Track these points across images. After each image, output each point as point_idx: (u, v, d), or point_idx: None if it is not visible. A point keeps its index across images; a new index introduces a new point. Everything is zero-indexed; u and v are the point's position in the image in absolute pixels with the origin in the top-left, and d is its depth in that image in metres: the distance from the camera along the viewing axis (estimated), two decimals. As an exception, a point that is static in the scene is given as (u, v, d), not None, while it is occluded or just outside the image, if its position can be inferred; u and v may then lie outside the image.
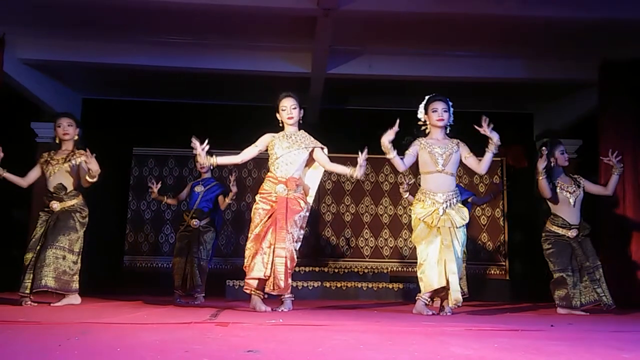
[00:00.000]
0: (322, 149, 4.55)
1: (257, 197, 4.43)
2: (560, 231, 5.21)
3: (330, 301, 6.48)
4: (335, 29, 5.93)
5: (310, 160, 4.59)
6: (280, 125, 4.57)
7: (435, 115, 4.51)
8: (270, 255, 4.25)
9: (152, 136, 8.33)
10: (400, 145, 4.60)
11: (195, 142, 4.23)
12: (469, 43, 6.60)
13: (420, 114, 4.60)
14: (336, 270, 7.52)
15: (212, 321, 3.25)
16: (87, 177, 4.73)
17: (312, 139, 4.55)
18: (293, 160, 4.43)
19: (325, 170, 4.68)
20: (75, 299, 4.72)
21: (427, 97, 4.63)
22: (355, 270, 7.61)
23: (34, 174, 4.96)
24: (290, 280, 4.37)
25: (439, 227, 4.39)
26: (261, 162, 4.60)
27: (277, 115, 4.56)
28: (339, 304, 5.82)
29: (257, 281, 4.29)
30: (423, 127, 4.62)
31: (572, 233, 5.17)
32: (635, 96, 6.38)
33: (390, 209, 8.38)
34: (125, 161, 8.29)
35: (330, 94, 7.59)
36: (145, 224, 8.20)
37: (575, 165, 6.85)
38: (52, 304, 4.60)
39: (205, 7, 5.68)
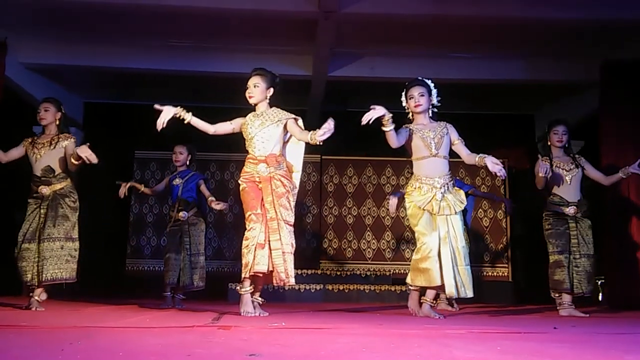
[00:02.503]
0: (296, 120, 4.35)
1: (241, 180, 4.30)
2: (558, 209, 5.17)
3: (333, 304, 6.46)
4: (336, 32, 5.94)
5: (288, 137, 4.41)
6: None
7: (412, 102, 4.49)
8: (268, 249, 4.08)
9: (154, 139, 8.28)
10: (404, 150, 4.60)
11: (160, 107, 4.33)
12: (470, 45, 6.60)
13: (403, 102, 4.58)
14: (338, 273, 7.52)
15: (215, 325, 3.25)
16: (72, 160, 4.60)
17: (285, 112, 4.36)
18: (268, 136, 4.27)
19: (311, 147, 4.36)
20: (43, 294, 4.59)
21: (406, 84, 4.61)
22: (358, 272, 7.61)
23: (16, 152, 4.78)
24: (291, 268, 4.12)
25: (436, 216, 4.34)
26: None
27: None
28: (342, 307, 5.81)
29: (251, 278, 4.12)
30: (409, 115, 4.58)
31: (569, 210, 5.12)
32: (636, 97, 6.36)
33: (393, 211, 8.37)
34: (127, 164, 8.29)
35: (331, 96, 7.59)
36: (148, 227, 8.20)
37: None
38: (37, 309, 4.47)
39: (207, 10, 5.70)
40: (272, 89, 4.40)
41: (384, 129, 4.25)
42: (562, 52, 6.70)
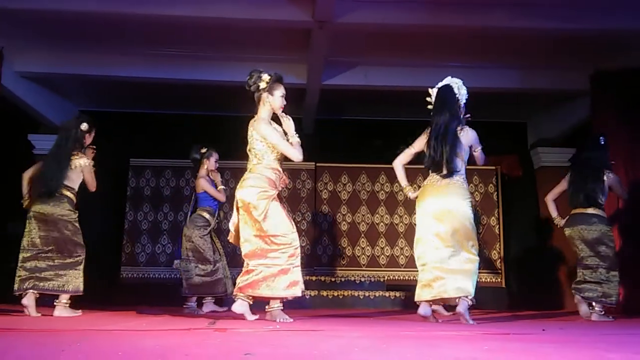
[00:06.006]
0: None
1: (265, 191, 4.03)
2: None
3: (327, 310, 6.51)
4: (330, 41, 6.01)
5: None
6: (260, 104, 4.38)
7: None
8: None
9: (149, 147, 8.38)
10: (396, 155, 4.67)
11: None
12: (462, 54, 6.69)
13: (462, 97, 4.73)
14: (333, 279, 7.56)
15: (211, 327, 3.30)
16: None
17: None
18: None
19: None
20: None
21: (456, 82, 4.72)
22: (352, 279, 7.65)
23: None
24: None
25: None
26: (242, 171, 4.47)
27: (267, 99, 4.36)
28: (336, 313, 5.86)
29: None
30: (466, 116, 4.69)
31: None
32: (626, 105, 6.46)
33: (387, 217, 8.43)
34: (122, 172, 8.32)
35: (325, 104, 7.66)
36: (142, 235, 8.22)
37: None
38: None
39: (201, 20, 5.75)
40: None
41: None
42: (554, 62, 6.79)
